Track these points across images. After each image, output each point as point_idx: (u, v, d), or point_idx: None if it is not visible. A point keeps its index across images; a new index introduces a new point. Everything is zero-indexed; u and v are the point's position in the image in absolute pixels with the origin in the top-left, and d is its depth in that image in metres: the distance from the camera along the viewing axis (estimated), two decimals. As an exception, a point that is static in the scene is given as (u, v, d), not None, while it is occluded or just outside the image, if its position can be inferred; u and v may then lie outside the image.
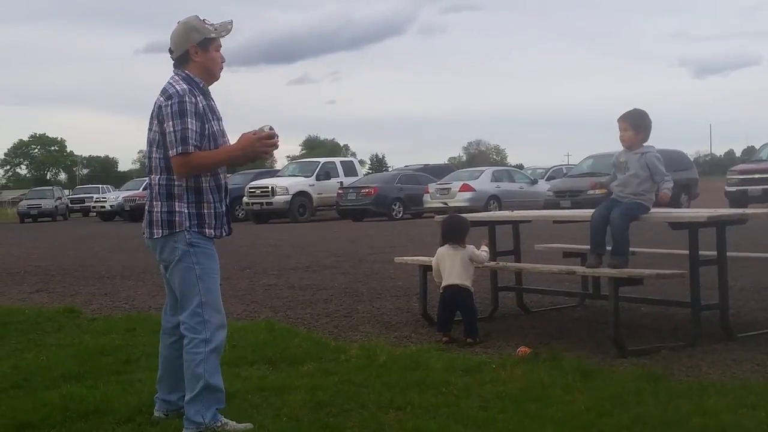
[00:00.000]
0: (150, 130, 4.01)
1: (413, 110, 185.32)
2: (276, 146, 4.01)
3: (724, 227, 5.83)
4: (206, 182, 4.00)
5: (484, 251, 6.38)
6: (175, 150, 3.85)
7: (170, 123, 3.86)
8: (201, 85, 4.04)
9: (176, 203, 3.95)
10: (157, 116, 3.95)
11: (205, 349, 3.92)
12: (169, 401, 4.22)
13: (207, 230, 4.00)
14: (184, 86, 3.95)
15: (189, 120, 3.87)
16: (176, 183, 3.95)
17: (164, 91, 3.97)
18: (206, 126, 3.96)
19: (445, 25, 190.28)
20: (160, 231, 3.96)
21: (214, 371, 3.95)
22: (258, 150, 3.99)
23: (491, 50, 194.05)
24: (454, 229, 6.31)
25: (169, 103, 3.89)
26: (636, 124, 5.97)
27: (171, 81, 4.01)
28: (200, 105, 3.95)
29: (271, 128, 4.01)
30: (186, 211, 3.95)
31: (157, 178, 3.98)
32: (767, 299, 7.38)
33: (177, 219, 3.95)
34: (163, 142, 3.93)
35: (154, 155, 3.98)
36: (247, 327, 6.65)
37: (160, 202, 3.97)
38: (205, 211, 4.00)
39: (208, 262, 4.00)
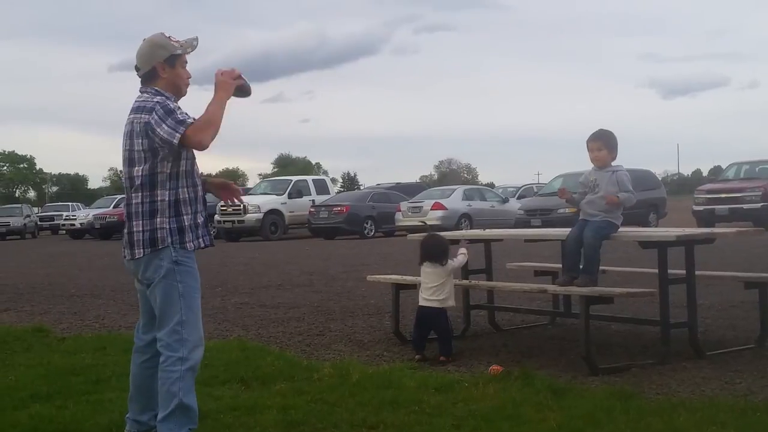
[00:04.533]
0: (128, 149, 3.97)
1: (385, 129, 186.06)
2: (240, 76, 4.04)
3: (693, 246, 5.90)
4: (185, 194, 3.99)
5: (461, 254, 6.46)
6: (178, 132, 3.81)
7: (163, 124, 3.83)
8: (172, 99, 4.05)
9: (158, 219, 3.94)
10: (142, 133, 3.90)
11: (182, 368, 3.90)
12: (140, 421, 4.18)
13: (188, 243, 4.00)
14: (162, 97, 3.97)
15: (176, 113, 3.87)
16: (158, 199, 3.93)
17: (142, 109, 3.94)
18: None
19: (419, 46, 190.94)
20: (142, 251, 3.95)
21: (188, 390, 3.93)
22: (233, 83, 4.01)
23: (463, 70, 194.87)
24: (434, 249, 6.32)
25: (153, 113, 3.87)
26: (609, 144, 6.05)
27: (145, 98, 4.00)
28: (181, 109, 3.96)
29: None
30: (167, 226, 3.94)
31: (139, 196, 3.95)
32: (735, 317, 7.47)
33: (159, 236, 3.93)
34: (149, 155, 3.89)
35: (135, 174, 3.95)
36: (219, 346, 6.61)
37: (141, 221, 3.95)
38: (186, 224, 3.99)
39: (190, 280, 4.00)
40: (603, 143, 6.03)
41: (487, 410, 4.47)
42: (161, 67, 4.05)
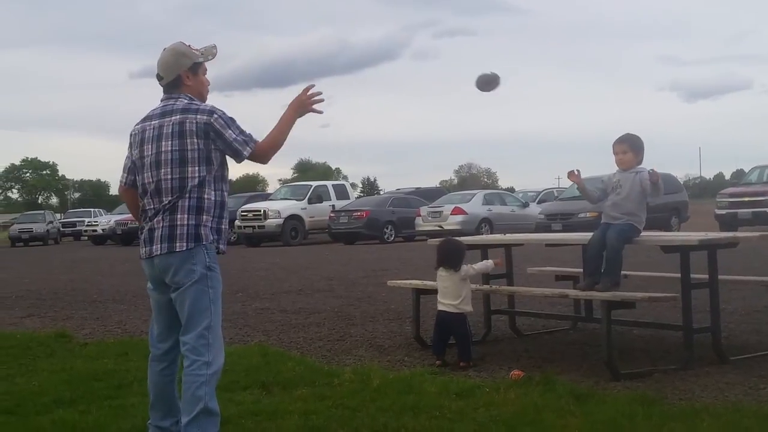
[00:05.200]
0: (177, 149, 3.97)
1: (405, 134, 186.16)
2: (322, 99, 4.17)
3: (716, 250, 5.86)
4: (224, 197, 4.10)
5: (484, 262, 6.46)
6: (249, 147, 4.00)
7: (229, 131, 3.98)
8: None
9: (204, 216, 3.99)
10: (201, 133, 3.96)
11: (207, 372, 3.91)
12: (162, 427, 4.19)
13: (221, 246, 4.09)
14: (210, 104, 4.10)
15: (237, 122, 4.04)
16: (206, 196, 3.99)
17: (194, 110, 4.00)
18: None
19: (439, 50, 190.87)
20: (185, 244, 3.94)
21: (212, 395, 3.94)
22: (308, 106, 4.16)
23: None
24: (450, 254, 6.31)
25: (216, 116, 3.98)
26: (635, 146, 6.04)
27: (188, 101, 4.06)
28: None
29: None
30: (210, 225, 4.01)
31: (187, 195, 3.97)
32: (759, 322, 7.40)
33: (204, 232, 3.98)
34: (203, 156, 3.97)
35: (190, 174, 3.97)
36: (240, 351, 6.63)
37: (187, 215, 3.97)
38: (223, 226, 4.10)
39: (219, 286, 4.04)
40: (629, 146, 6.03)
41: (508, 416, 4.46)
42: (186, 75, 4.12)
